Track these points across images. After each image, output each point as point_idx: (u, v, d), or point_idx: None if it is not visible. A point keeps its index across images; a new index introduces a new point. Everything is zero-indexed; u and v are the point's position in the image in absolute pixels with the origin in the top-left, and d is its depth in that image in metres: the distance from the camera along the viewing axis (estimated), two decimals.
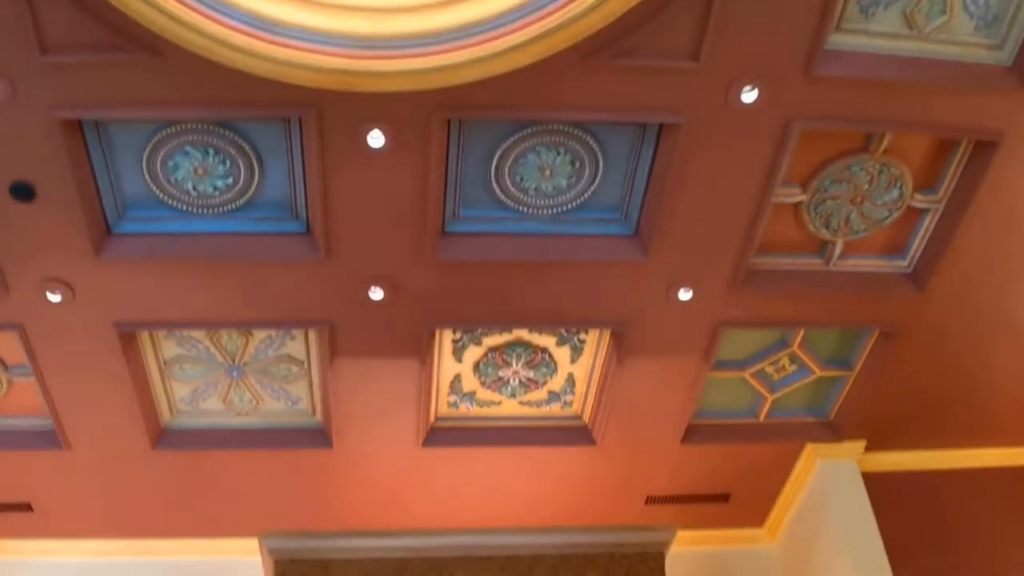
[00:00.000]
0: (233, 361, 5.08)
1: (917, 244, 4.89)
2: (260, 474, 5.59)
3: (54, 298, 4.53)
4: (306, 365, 5.12)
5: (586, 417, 5.54)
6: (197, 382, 5.20)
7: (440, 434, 5.46)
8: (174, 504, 5.77)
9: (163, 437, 5.39)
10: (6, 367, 5.08)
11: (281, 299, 4.66)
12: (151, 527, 5.92)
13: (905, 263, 4.97)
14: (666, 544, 5.31)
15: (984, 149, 4.39)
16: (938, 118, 4.23)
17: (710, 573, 6.21)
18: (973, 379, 5.64)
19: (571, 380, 5.37)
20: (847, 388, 5.59)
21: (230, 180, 4.23)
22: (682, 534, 5.80)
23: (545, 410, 5.51)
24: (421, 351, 4.95)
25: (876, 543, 5.56)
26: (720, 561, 6.27)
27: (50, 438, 5.33)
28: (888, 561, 5.50)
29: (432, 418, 5.43)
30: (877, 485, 5.82)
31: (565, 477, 5.78)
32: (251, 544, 5.54)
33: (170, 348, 5.03)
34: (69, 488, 5.63)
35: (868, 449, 5.90)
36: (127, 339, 4.83)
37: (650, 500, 6.00)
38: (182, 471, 5.55)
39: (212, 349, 5.02)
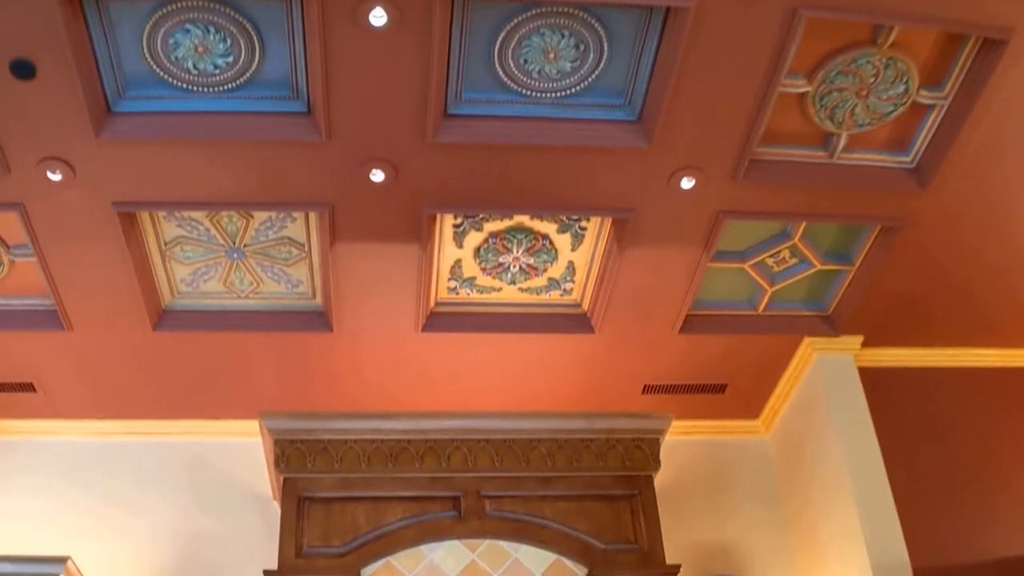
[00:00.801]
0: (233, 243, 5.08)
1: (921, 141, 4.85)
2: (260, 356, 5.63)
3: (54, 177, 4.51)
4: (306, 248, 5.12)
5: (585, 305, 5.56)
6: (197, 264, 5.21)
7: (439, 319, 5.48)
8: (175, 385, 5.83)
9: (164, 318, 5.41)
10: (7, 247, 5.08)
11: (281, 180, 4.63)
12: (152, 408, 5.99)
13: (909, 159, 4.93)
14: (662, 431, 5.37)
15: (993, 47, 4.33)
16: (947, 13, 4.15)
17: (705, 462, 6.29)
18: (973, 279, 5.64)
19: (571, 268, 5.37)
20: (847, 283, 5.60)
21: (231, 58, 4.17)
22: (678, 423, 5.89)
23: (544, 297, 5.53)
24: (421, 236, 4.94)
25: (870, 438, 5.63)
26: (715, 451, 6.35)
27: (52, 318, 5.35)
28: (881, 456, 5.57)
29: (432, 303, 5.44)
30: (873, 380, 5.88)
31: (563, 364, 5.82)
32: (251, 426, 5.63)
33: (170, 229, 5.02)
34: (71, 369, 5.68)
35: (865, 345, 5.93)
36: (127, 219, 4.83)
37: (647, 389, 6.05)
38: (183, 353, 5.58)
39: (212, 231, 5.02)
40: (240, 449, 5.99)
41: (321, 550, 4.97)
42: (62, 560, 4.85)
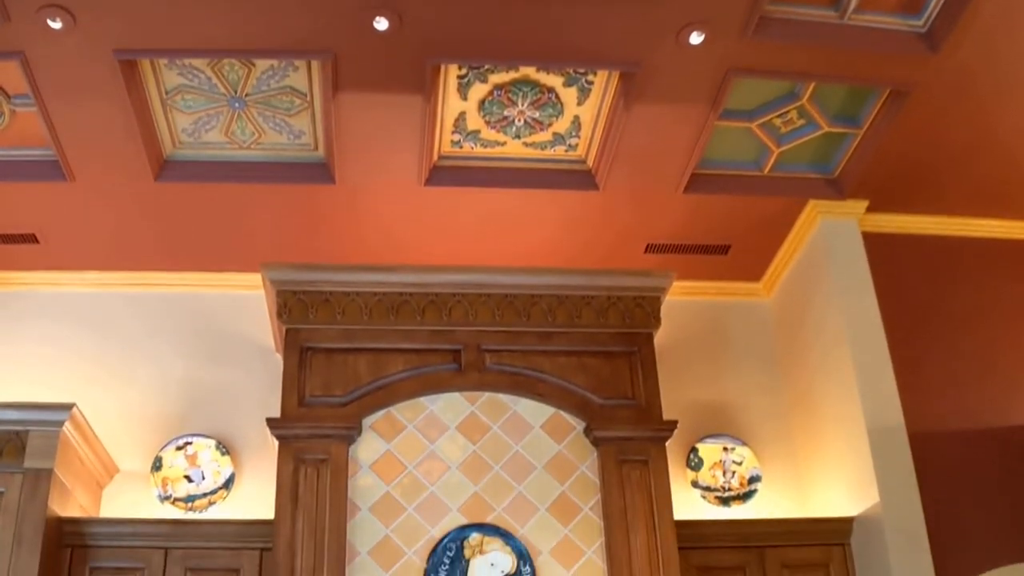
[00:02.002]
0: (235, 92, 5.01)
1: (934, 4, 4.74)
2: (262, 208, 5.60)
3: (55, 25, 4.41)
4: (309, 98, 5.04)
5: (590, 161, 5.50)
6: (199, 113, 5.13)
7: (442, 173, 5.43)
8: (177, 237, 5.82)
9: (165, 169, 5.36)
10: (8, 97, 5.01)
11: (284, 27, 4.53)
12: (154, 260, 5.99)
13: (920, 23, 4.83)
14: (663, 290, 5.38)
15: None
16: None
17: (705, 323, 6.33)
18: (981, 148, 5.58)
19: (577, 123, 5.29)
20: (853, 146, 5.53)
21: None
22: (680, 284, 5.89)
23: (549, 152, 5.47)
24: (425, 87, 4.86)
25: (871, 303, 5.63)
26: (716, 312, 6.38)
27: (53, 169, 5.31)
28: (881, 322, 5.58)
29: (435, 156, 5.38)
30: (876, 246, 5.85)
31: (566, 221, 5.80)
32: (254, 278, 5.63)
33: (171, 78, 4.94)
34: (73, 220, 5.67)
35: (870, 210, 5.89)
36: (128, 68, 4.74)
37: (650, 248, 6.03)
38: (184, 204, 5.55)
39: (214, 79, 4.94)
40: (243, 301, 6.03)
41: (323, 399, 5.04)
42: (67, 407, 4.90)
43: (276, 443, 4.96)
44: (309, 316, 5.15)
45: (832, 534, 5.31)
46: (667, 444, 5.13)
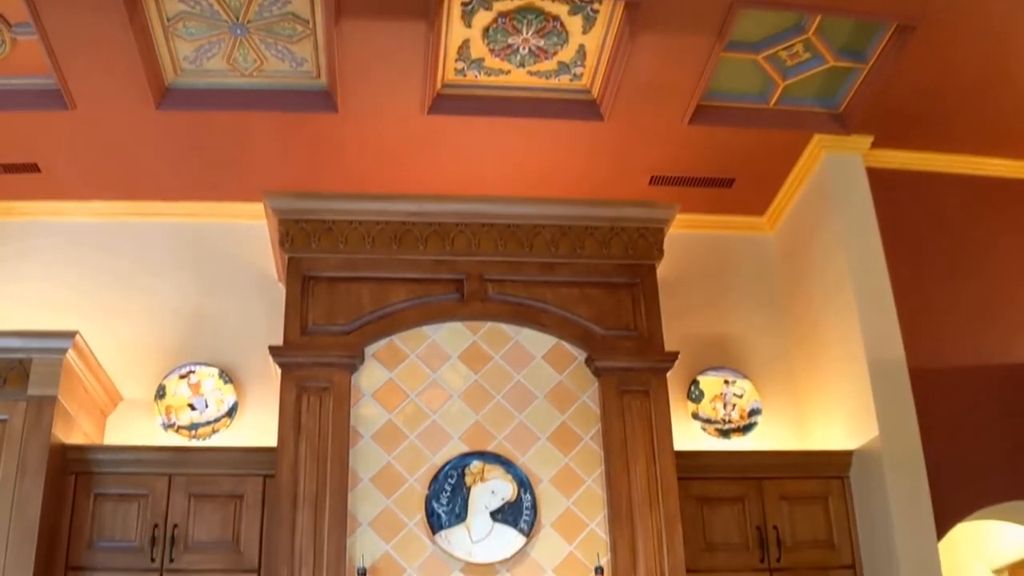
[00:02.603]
0: (237, 19, 4.95)
1: None
2: (264, 137, 5.57)
3: None
4: (311, 25, 4.97)
5: (595, 91, 5.45)
6: (200, 40, 5.08)
7: (446, 101, 5.39)
8: (179, 166, 5.80)
9: (167, 97, 5.33)
10: (8, 25, 4.96)
11: None
12: (157, 189, 5.98)
13: None
14: (667, 221, 5.37)
15: None
16: None
17: (709, 256, 6.33)
18: (989, 84, 5.53)
19: (582, 52, 5.23)
20: (859, 81, 5.48)
21: None
22: (683, 217, 5.87)
23: (554, 82, 5.41)
24: (429, 13, 4.80)
25: (874, 239, 5.62)
26: (719, 246, 6.38)
27: (54, 98, 5.28)
28: (884, 258, 5.58)
29: (438, 84, 5.33)
30: (881, 182, 5.83)
31: (570, 151, 5.76)
32: (256, 208, 5.63)
33: (173, 5, 4.89)
34: (74, 149, 5.65)
35: (875, 146, 5.86)
36: None
37: (654, 180, 6.01)
38: (186, 132, 5.53)
39: (215, 6, 4.88)
40: (245, 231, 6.03)
41: (325, 328, 5.06)
42: (70, 334, 4.91)
43: (279, 371, 4.99)
44: (311, 245, 5.15)
45: (831, 467, 5.35)
46: (668, 376, 5.16)
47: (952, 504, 5.38)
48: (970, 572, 6.63)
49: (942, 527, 5.16)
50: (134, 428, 5.53)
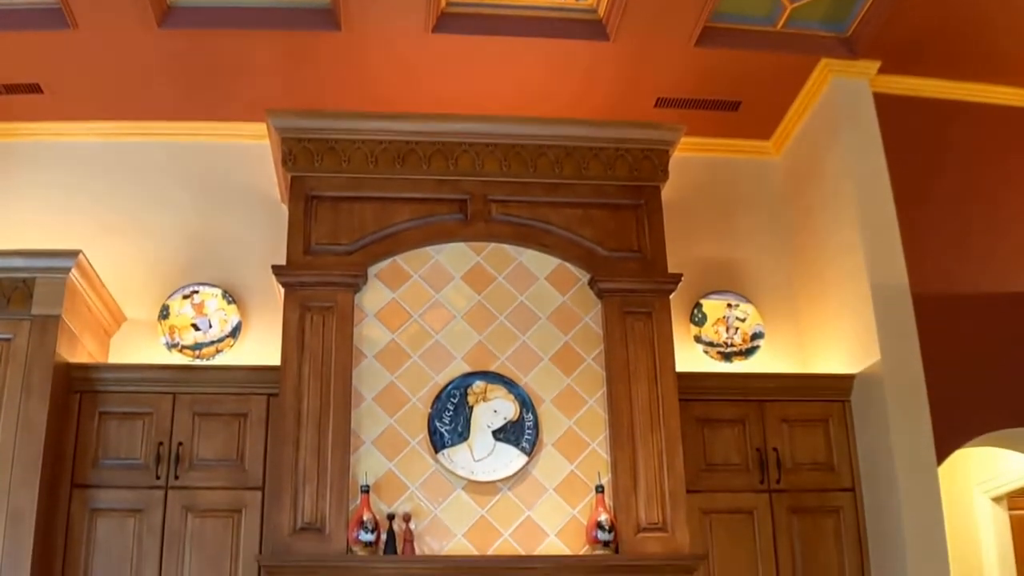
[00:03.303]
0: None
1: None
2: (267, 55, 5.51)
3: None
4: None
5: (601, 10, 5.37)
6: None
7: (450, 20, 5.32)
8: (181, 86, 5.74)
9: (169, 15, 5.26)
10: None
11: None
12: (159, 109, 5.94)
13: None
14: (672, 143, 5.33)
15: None
16: None
17: (713, 180, 6.29)
18: (997, 12, 5.46)
19: None
20: (867, 5, 5.42)
21: None
22: (689, 140, 5.82)
23: (559, 1, 5.34)
24: None
25: (880, 164, 5.58)
26: (724, 169, 6.33)
27: (56, 17, 5.22)
28: (890, 183, 5.54)
29: (443, 3, 5.27)
30: (888, 108, 5.77)
31: (575, 71, 5.70)
32: (259, 128, 5.60)
33: None
34: (76, 68, 5.59)
35: (882, 71, 5.79)
36: None
37: (660, 102, 5.95)
38: (188, 51, 5.47)
39: None
40: (248, 151, 5.98)
41: (328, 248, 5.05)
42: (73, 254, 4.91)
43: (282, 291, 5.00)
44: (314, 164, 5.13)
45: (832, 391, 5.37)
46: (671, 299, 5.15)
47: (952, 430, 5.41)
48: (969, 499, 6.69)
49: (942, 452, 5.19)
50: (138, 348, 5.55)
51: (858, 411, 5.33)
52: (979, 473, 6.60)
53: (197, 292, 5.63)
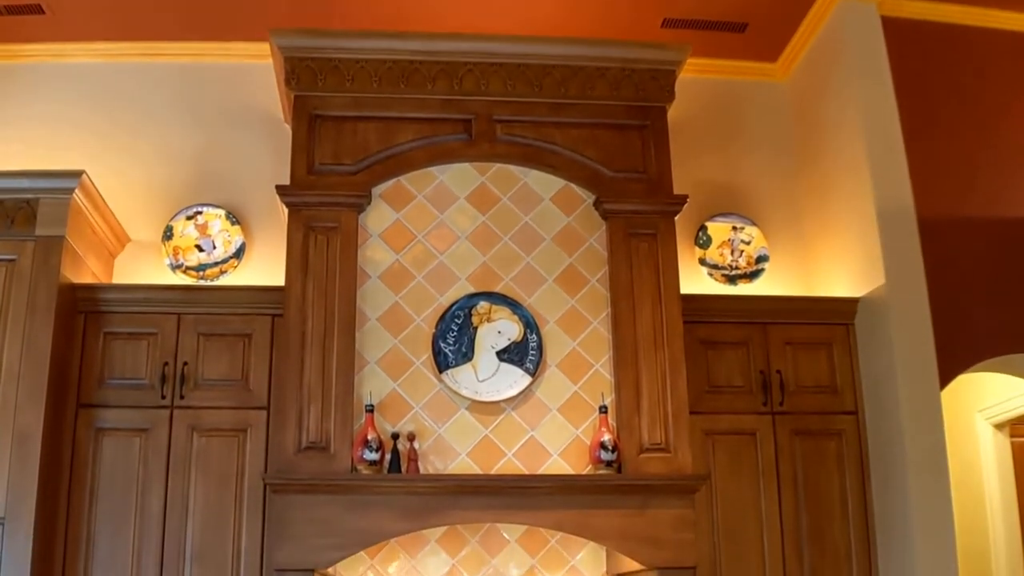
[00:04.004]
0: None
1: None
2: None
3: None
4: None
5: None
6: None
7: None
8: (184, 5, 5.66)
9: None
10: None
11: None
12: (162, 29, 5.87)
13: None
14: (679, 63, 5.26)
15: None
16: None
17: (719, 102, 6.22)
18: None
19: None
20: None
21: None
22: (695, 62, 5.78)
23: None
24: None
25: (887, 87, 5.51)
26: (731, 91, 6.26)
27: None
28: (897, 108, 5.48)
29: None
30: (895, 31, 5.69)
31: None
32: (263, 48, 5.54)
33: None
34: None
35: None
36: None
37: (666, 23, 5.86)
38: None
39: None
40: (252, 71, 5.91)
41: (332, 167, 5.02)
42: (76, 174, 4.89)
43: (286, 212, 4.98)
44: (318, 83, 5.08)
45: (836, 314, 5.36)
46: (676, 221, 5.12)
47: (956, 354, 5.41)
48: (971, 426, 6.72)
49: (945, 377, 5.21)
50: (142, 269, 5.55)
51: (862, 335, 5.32)
52: (981, 400, 6.63)
53: (201, 213, 5.61)
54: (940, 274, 5.30)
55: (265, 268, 5.55)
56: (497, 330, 4.91)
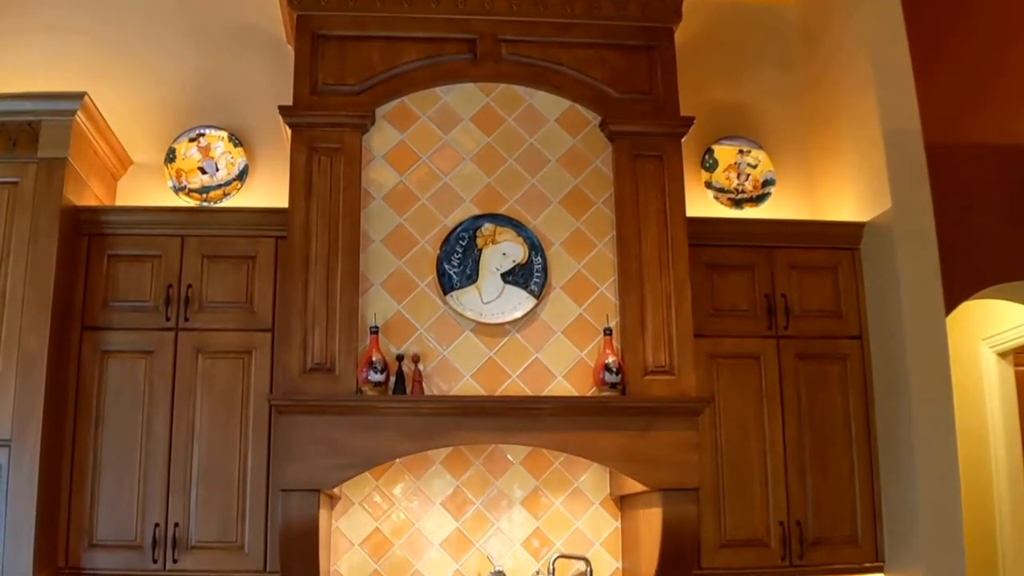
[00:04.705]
0: None
1: None
2: None
3: None
4: None
5: None
6: None
7: None
8: None
9: None
10: None
11: None
12: None
13: None
14: None
15: None
16: None
17: (728, 25, 6.11)
18: None
19: None
20: None
21: None
22: None
23: None
24: None
25: (896, 10, 5.39)
26: (739, 14, 6.14)
27: None
28: (906, 32, 5.40)
29: None
30: None
31: None
32: None
33: None
34: None
35: None
36: None
37: None
38: None
39: None
40: None
41: (335, 88, 4.96)
42: (79, 96, 4.83)
43: (289, 133, 4.94)
44: (320, 2, 4.99)
45: (842, 238, 5.34)
46: (682, 144, 5.08)
47: (961, 280, 5.45)
48: (975, 354, 6.72)
49: (951, 302, 5.21)
50: (145, 192, 5.51)
51: (867, 259, 5.30)
52: (986, 328, 6.63)
53: (203, 135, 5.55)
54: (947, 199, 5.27)
55: (268, 191, 5.51)
56: (502, 252, 4.89)
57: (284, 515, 4.45)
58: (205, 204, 5.43)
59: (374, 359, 4.61)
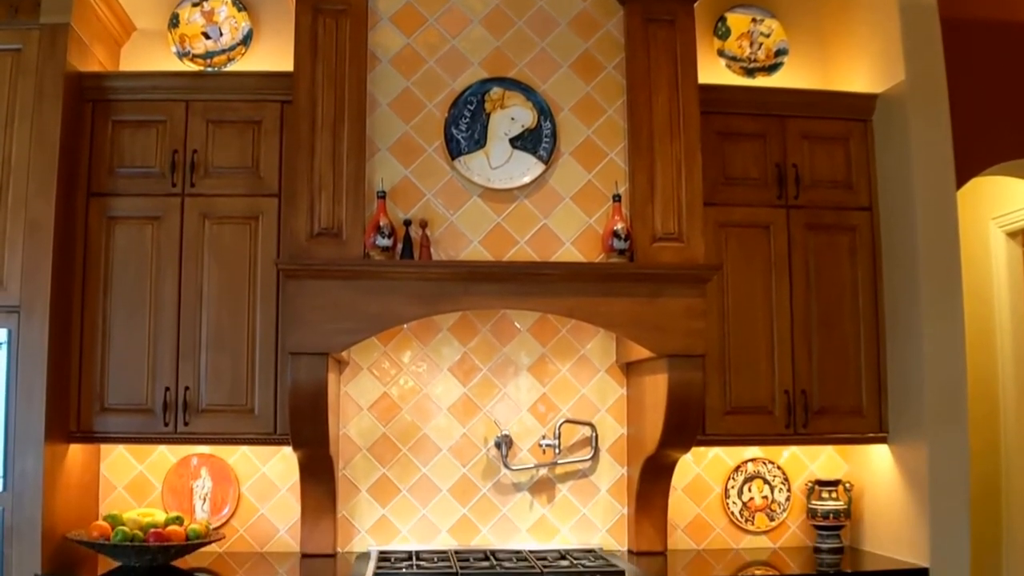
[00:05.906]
0: None
1: None
2: None
3: None
4: None
5: None
6: None
7: None
8: None
9: None
10: None
11: None
12: None
13: None
14: None
15: None
16: None
17: None
18: None
19: None
20: None
21: None
22: None
23: None
24: None
25: None
26: None
27: None
28: None
29: None
30: None
31: None
32: None
33: None
34: None
35: None
36: None
37: None
38: None
39: None
40: None
41: None
42: None
43: None
44: None
45: (854, 109, 5.26)
46: (695, 10, 4.96)
47: (973, 155, 5.39)
48: (984, 232, 6.69)
49: (962, 177, 5.15)
50: (148, 58, 5.41)
51: (879, 131, 5.23)
52: (996, 207, 6.58)
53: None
54: (961, 73, 5.20)
55: (273, 56, 5.39)
56: (510, 116, 4.84)
57: (293, 378, 4.47)
58: (209, 70, 5.35)
59: (381, 224, 4.60)
